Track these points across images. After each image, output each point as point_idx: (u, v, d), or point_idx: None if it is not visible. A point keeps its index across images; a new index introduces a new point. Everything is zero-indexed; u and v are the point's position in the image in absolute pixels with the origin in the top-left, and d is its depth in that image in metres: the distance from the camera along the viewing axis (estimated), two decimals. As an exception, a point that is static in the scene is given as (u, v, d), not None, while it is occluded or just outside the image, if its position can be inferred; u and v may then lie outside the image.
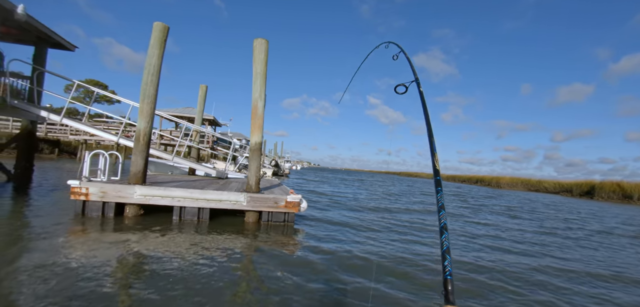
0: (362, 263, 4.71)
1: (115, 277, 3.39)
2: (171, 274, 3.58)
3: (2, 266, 3.40)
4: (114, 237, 4.83)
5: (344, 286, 3.75)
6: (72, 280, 3.18)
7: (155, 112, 6.46)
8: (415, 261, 5.02)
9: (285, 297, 3.27)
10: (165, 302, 2.93)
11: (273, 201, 6.47)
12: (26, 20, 8.66)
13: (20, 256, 3.75)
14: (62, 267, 3.49)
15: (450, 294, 1.10)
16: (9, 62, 8.76)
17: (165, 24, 6.39)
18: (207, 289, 3.28)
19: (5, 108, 8.69)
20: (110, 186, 5.87)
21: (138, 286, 3.23)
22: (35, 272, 3.31)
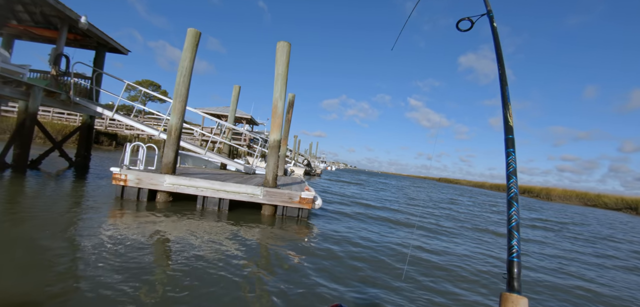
0: (366, 265, 4.80)
1: (142, 251, 3.90)
2: (189, 253, 4.02)
3: (56, 233, 4.09)
4: (144, 218, 5.47)
5: (339, 279, 3.90)
6: (106, 251, 3.73)
7: (186, 109, 7.13)
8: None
9: (283, 285, 3.52)
10: (184, 274, 3.33)
11: (288, 196, 6.78)
12: (88, 28, 9.97)
13: (69, 228, 4.46)
14: (98, 238, 4.10)
15: (515, 280, 0.92)
16: (74, 64, 10.16)
17: (197, 30, 7.03)
18: (219, 267, 3.65)
19: (69, 103, 10.09)
20: (144, 174, 6.61)
21: (161, 260, 3.70)
22: (80, 240, 3.94)
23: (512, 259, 0.95)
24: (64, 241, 3.91)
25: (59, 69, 9.86)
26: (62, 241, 3.90)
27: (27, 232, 4.07)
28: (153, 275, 3.25)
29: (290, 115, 12.53)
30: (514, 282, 0.92)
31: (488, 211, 16.32)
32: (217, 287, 3.17)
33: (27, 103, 8.83)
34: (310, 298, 3.22)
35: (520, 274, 0.93)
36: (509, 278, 0.94)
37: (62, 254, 3.47)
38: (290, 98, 12.43)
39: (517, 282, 0.92)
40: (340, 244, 5.52)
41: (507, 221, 1.05)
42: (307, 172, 29.18)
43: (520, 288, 0.93)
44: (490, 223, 11.22)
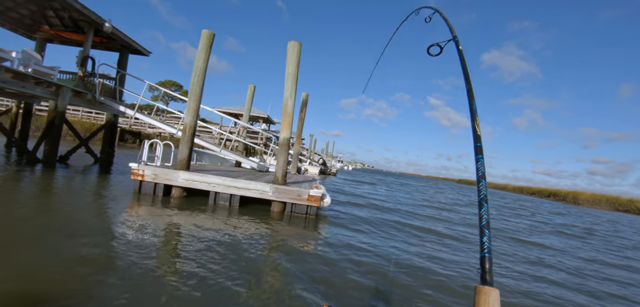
0: (370, 260, 4.83)
1: (155, 239, 4.12)
2: (199, 243, 4.21)
3: (77, 222, 4.39)
4: (157, 211, 5.74)
5: (339, 272, 3.96)
6: (122, 238, 3.98)
7: (200, 108, 7.40)
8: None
9: (285, 276, 3.62)
10: (193, 261, 3.51)
11: (296, 194, 6.89)
12: (112, 31, 10.50)
13: (91, 217, 4.77)
14: (115, 227, 4.37)
15: (487, 274, 0.99)
16: (99, 66, 10.74)
17: (211, 31, 7.27)
18: (226, 256, 3.81)
19: (94, 103, 10.68)
20: (160, 169, 6.92)
21: (172, 248, 3.90)
22: (100, 228, 4.22)
23: (484, 254, 1.02)
24: (86, 227, 4.20)
25: (86, 71, 10.46)
26: (85, 227, 4.19)
27: (57, 219, 4.40)
28: (157, 261, 3.44)
29: (304, 114, 12.65)
30: (487, 276, 1.00)
31: (505, 216, 15.80)
32: (212, 277, 3.31)
33: (57, 102, 9.43)
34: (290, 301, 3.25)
35: (492, 268, 1.00)
36: (482, 272, 1.01)
37: (84, 236, 3.74)
38: (304, 97, 12.55)
39: (489, 275, 1.00)
40: (340, 249, 5.56)
41: (478, 220, 1.11)
42: (323, 171, 29.29)
43: (492, 281, 1.00)
44: (503, 233, 10.86)
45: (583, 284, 5.26)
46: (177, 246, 4.13)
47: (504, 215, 15.26)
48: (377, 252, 5.25)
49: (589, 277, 5.74)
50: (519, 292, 4.32)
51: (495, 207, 18.93)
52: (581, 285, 5.17)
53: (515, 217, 14.87)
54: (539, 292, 4.42)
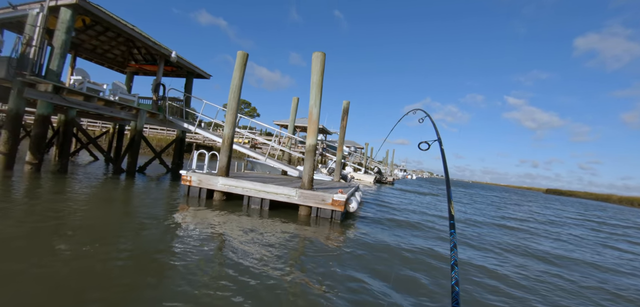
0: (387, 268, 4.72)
1: (198, 234, 4.79)
2: (230, 240, 4.74)
3: (144, 214, 5.37)
4: (198, 210, 6.55)
5: (357, 275, 4.00)
6: (172, 232, 4.74)
7: (238, 120, 8.20)
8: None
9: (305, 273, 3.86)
10: (229, 253, 4.02)
11: (321, 198, 7.06)
12: (177, 60, 12.34)
13: (154, 213, 5.75)
14: (167, 222, 5.20)
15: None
16: (168, 90, 12.68)
17: (245, 52, 8.06)
18: (253, 250, 4.24)
19: (165, 122, 12.59)
20: (204, 176, 7.85)
21: (212, 242, 4.51)
22: (157, 221, 5.10)
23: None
24: (149, 219, 5.10)
25: (158, 95, 12.47)
26: (148, 219, 5.10)
27: (132, 214, 5.44)
28: (187, 250, 4.00)
29: (345, 122, 12.78)
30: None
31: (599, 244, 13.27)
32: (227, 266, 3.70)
33: (136, 123, 11.44)
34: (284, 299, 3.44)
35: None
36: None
37: (147, 226, 4.57)
38: (345, 105, 12.71)
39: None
40: (366, 247, 5.51)
41: (450, 279, 1.18)
42: (379, 180, 28.68)
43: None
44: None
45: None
46: (204, 239, 4.71)
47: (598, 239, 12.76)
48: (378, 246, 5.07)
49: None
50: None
51: (590, 228, 15.95)
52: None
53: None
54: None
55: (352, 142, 39.93)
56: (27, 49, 8.27)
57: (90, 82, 10.22)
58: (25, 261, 3.18)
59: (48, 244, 3.74)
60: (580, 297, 4.45)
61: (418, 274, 4.43)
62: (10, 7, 8.93)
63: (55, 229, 4.33)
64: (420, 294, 3.72)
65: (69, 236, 4.15)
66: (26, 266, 3.07)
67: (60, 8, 8.55)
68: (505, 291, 4.23)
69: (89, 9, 8.73)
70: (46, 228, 4.29)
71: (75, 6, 8.53)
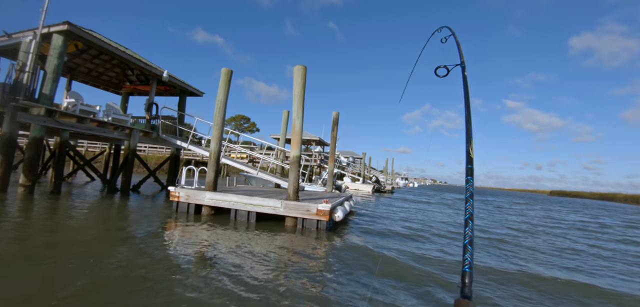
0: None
1: (184, 247, 4.89)
2: (218, 252, 4.83)
3: (129, 231, 5.48)
4: (185, 225, 6.64)
5: (336, 280, 4.06)
6: (157, 245, 4.84)
7: (223, 135, 8.37)
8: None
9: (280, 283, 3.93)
10: (209, 267, 4.11)
11: (306, 209, 7.14)
12: (169, 79, 12.62)
13: (137, 232, 5.86)
14: (150, 237, 5.30)
15: (466, 288, 1.02)
16: (161, 109, 12.93)
17: (230, 69, 8.29)
18: (236, 263, 4.32)
19: (158, 139, 12.80)
20: (192, 191, 7.98)
21: (193, 256, 4.59)
22: (141, 237, 5.20)
23: (465, 270, 1.05)
24: (134, 235, 5.21)
25: (151, 114, 12.72)
26: (139, 234, 5.20)
27: (125, 231, 5.56)
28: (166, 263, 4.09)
29: (335, 132, 12.93)
30: (466, 290, 1.03)
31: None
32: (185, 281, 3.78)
33: (129, 142, 11.65)
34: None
35: (472, 283, 1.03)
36: (462, 286, 1.04)
37: (130, 242, 4.68)
38: (334, 116, 12.88)
39: (469, 289, 1.03)
40: (337, 255, 5.56)
41: (463, 237, 1.13)
42: (377, 189, 28.64)
43: (471, 295, 1.04)
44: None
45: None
46: (186, 254, 4.80)
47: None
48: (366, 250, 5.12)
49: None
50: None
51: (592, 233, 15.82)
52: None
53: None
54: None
55: (351, 153, 40.03)
56: (21, 74, 8.55)
57: (84, 104, 10.48)
58: (13, 276, 3.30)
59: (33, 258, 3.85)
60: None
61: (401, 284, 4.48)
62: (5, 36, 9.27)
63: (40, 246, 4.44)
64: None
65: (49, 252, 4.26)
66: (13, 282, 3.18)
67: (52, 35, 8.87)
68: None
69: (80, 34, 9.05)
70: (30, 245, 4.41)
71: (67, 32, 8.84)
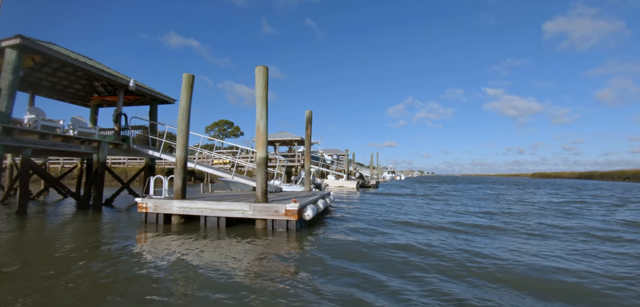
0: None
1: (152, 258, 4.79)
2: (187, 260, 4.76)
3: (103, 244, 5.33)
4: (157, 238, 6.52)
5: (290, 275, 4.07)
6: (127, 260, 4.73)
7: (188, 142, 8.26)
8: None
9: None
10: (171, 278, 4.04)
11: (274, 210, 7.14)
12: (136, 88, 12.34)
13: (103, 246, 5.72)
14: (123, 250, 5.18)
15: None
16: (131, 119, 12.64)
17: (191, 74, 8.19)
18: (205, 267, 4.26)
19: (129, 151, 12.51)
20: (160, 201, 7.85)
21: (164, 264, 4.51)
22: (109, 252, 5.07)
23: None
24: (101, 251, 5.08)
25: (120, 125, 12.41)
26: (101, 249, 5.07)
27: (82, 248, 5.40)
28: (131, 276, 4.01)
29: (309, 131, 12.96)
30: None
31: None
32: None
33: (98, 155, 11.34)
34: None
35: None
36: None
37: (96, 259, 4.55)
38: (307, 115, 12.91)
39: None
40: (305, 253, 5.59)
41: None
42: (362, 185, 28.87)
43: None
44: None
45: None
46: (153, 267, 4.72)
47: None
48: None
49: None
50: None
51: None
52: None
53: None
54: None
55: (335, 150, 40.19)
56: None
57: (46, 120, 10.13)
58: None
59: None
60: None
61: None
62: (-47, 54, 8.85)
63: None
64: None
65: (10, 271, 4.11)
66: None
67: (5, 49, 8.53)
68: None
69: (35, 47, 8.74)
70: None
71: (20, 46, 8.52)
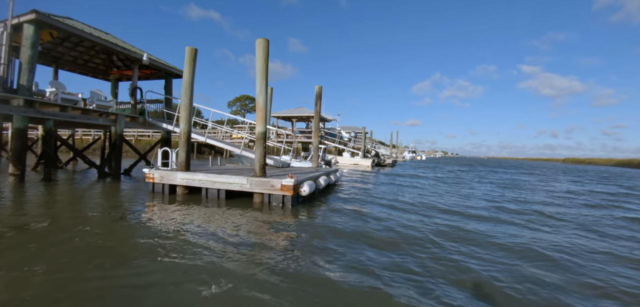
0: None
1: (159, 225, 5.09)
2: (188, 227, 5.02)
3: (116, 210, 5.74)
4: (163, 206, 6.86)
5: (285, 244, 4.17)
6: (137, 226, 5.07)
7: (193, 115, 8.43)
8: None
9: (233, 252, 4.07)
10: (179, 235, 4.30)
11: (270, 185, 7.22)
12: (149, 62, 12.65)
13: (121, 208, 6.12)
14: (132, 217, 5.54)
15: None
16: (146, 93, 13.06)
17: (194, 47, 8.22)
18: (204, 233, 4.49)
19: (146, 124, 13.02)
20: (165, 172, 8.17)
21: (172, 232, 4.79)
22: (123, 214, 5.45)
23: None
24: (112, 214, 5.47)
25: (136, 99, 12.88)
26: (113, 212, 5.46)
27: (95, 210, 5.83)
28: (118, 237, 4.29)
29: (319, 107, 12.79)
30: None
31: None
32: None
33: (116, 127, 11.90)
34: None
35: None
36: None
37: (97, 222, 4.92)
38: (317, 90, 12.70)
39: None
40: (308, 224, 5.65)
41: None
42: (378, 163, 28.54)
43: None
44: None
45: None
46: (152, 232, 4.99)
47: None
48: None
49: None
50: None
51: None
52: None
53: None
54: None
55: (353, 128, 39.69)
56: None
57: (66, 93, 10.70)
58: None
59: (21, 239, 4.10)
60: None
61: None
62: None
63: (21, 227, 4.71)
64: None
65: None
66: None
67: (23, 24, 8.97)
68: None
69: (50, 22, 9.11)
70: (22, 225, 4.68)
71: (36, 21, 8.91)
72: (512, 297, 3.32)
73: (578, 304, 3.26)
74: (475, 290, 3.42)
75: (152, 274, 3.48)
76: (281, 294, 3.12)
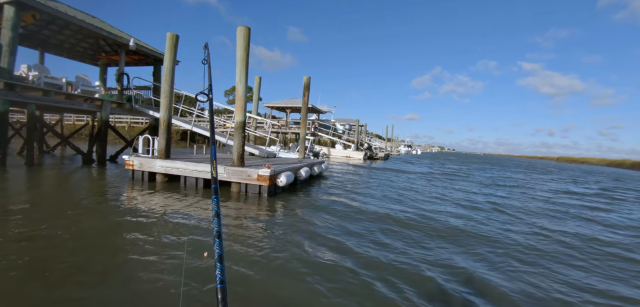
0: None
1: (131, 210, 5.12)
2: (160, 213, 5.05)
3: (97, 197, 5.75)
4: (141, 193, 6.88)
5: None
6: (114, 210, 5.09)
7: (172, 102, 8.40)
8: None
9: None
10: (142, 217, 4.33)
11: (247, 174, 7.25)
12: (136, 48, 12.54)
13: (101, 197, 6.14)
14: (111, 202, 5.55)
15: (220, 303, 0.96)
16: (133, 79, 12.98)
17: (175, 34, 8.16)
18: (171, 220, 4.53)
19: (132, 110, 12.97)
20: (145, 159, 8.17)
21: (136, 218, 4.82)
22: (104, 199, 5.46)
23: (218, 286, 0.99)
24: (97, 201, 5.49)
25: (122, 85, 12.80)
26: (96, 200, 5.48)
27: (74, 196, 5.85)
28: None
29: (306, 98, 12.78)
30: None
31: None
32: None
33: (101, 113, 11.85)
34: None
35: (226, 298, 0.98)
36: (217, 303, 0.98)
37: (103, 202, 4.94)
38: (305, 81, 12.67)
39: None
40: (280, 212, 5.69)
41: (214, 254, 1.04)
42: (370, 156, 28.61)
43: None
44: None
45: None
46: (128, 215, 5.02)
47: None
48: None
49: None
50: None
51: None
52: None
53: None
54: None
55: (348, 120, 39.63)
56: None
57: (49, 77, 10.62)
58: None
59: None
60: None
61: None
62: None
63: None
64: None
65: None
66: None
67: (3, 6, 8.84)
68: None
69: (32, 3, 8.98)
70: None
71: (17, 3, 8.79)
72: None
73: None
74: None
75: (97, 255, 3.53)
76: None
